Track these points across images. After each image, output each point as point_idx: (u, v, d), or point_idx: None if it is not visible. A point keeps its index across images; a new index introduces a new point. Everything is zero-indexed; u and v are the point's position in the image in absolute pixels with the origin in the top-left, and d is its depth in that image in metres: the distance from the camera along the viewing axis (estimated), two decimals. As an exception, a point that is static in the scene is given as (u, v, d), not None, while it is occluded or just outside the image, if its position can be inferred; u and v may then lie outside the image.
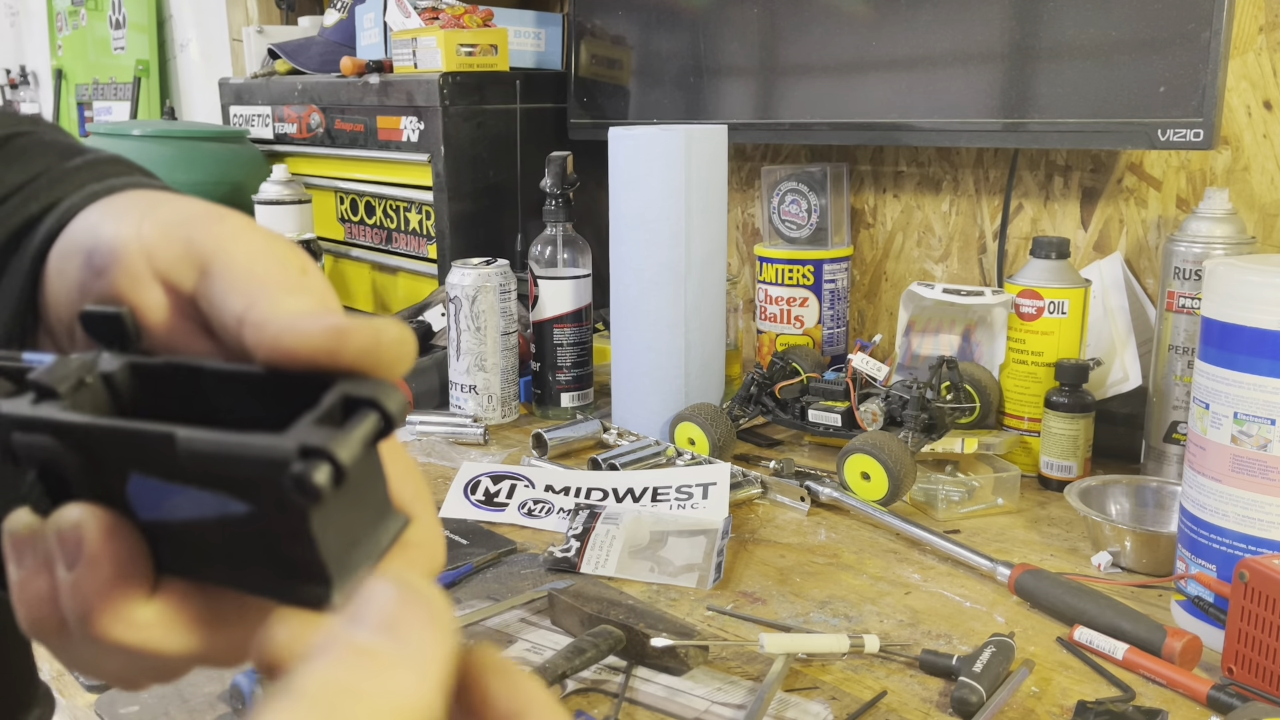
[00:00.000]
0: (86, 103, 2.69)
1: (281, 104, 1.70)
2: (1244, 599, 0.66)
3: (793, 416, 1.12)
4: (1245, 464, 0.69)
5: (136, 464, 0.26)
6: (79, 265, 0.31)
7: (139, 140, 1.68)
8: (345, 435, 0.24)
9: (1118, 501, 0.92)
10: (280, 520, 0.24)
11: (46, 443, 0.26)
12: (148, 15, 2.47)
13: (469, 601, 0.79)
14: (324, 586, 0.25)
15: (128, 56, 2.53)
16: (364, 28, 1.58)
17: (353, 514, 0.26)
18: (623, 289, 1.15)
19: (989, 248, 1.27)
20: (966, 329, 1.12)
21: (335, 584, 0.25)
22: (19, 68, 3.07)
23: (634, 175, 1.12)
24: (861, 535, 0.92)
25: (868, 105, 1.20)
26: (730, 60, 1.32)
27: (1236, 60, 1.05)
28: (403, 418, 0.26)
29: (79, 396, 0.27)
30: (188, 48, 2.44)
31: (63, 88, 2.82)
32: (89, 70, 2.69)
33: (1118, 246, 1.16)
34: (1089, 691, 0.67)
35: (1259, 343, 0.68)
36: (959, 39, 1.12)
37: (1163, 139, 0.98)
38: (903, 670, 0.70)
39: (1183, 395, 0.97)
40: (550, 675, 0.66)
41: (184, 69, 2.47)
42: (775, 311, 1.29)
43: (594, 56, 1.46)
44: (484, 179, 1.46)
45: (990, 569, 0.81)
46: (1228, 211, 0.95)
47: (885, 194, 1.35)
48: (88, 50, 2.69)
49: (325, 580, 0.25)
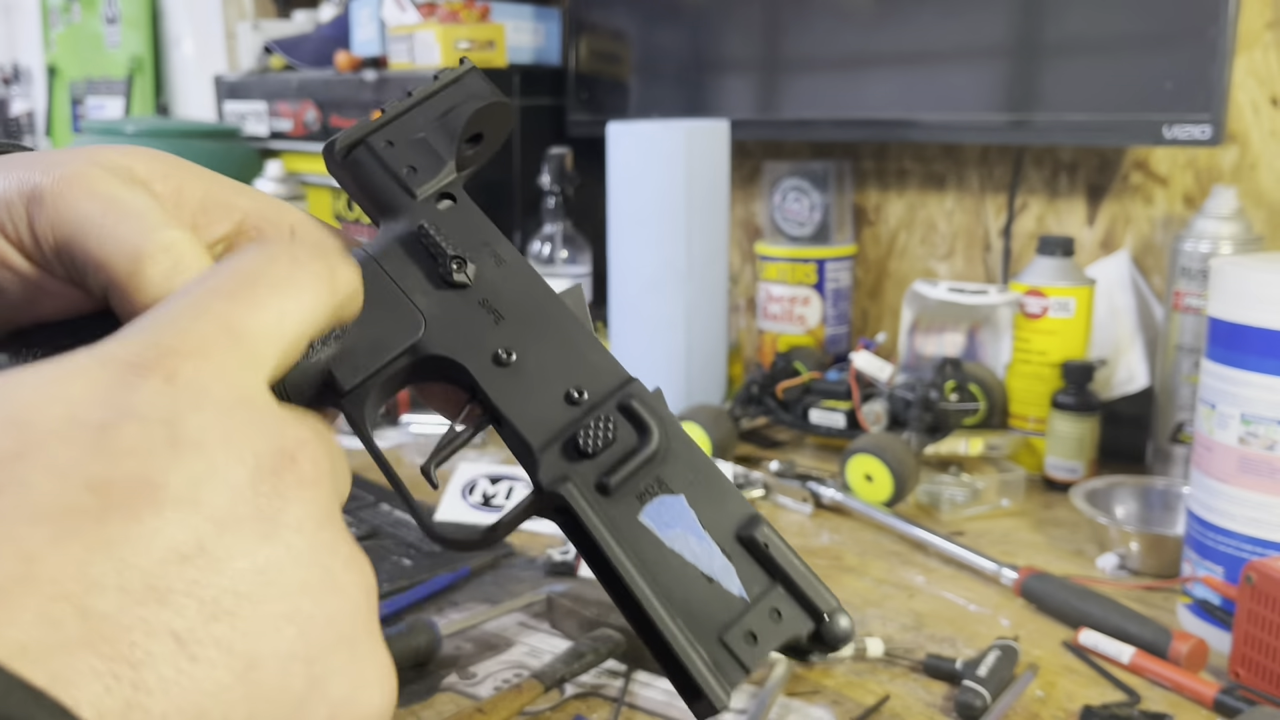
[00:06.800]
0: (80, 99, 2.67)
1: (276, 100, 1.69)
2: (1251, 602, 0.65)
3: (795, 417, 1.11)
4: (1253, 465, 0.69)
5: None
6: None
7: (131, 138, 1.67)
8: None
9: (1124, 503, 0.91)
10: None
11: None
12: (141, 11, 2.45)
13: (467, 605, 0.78)
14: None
15: (121, 52, 2.51)
16: (360, 23, 1.57)
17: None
18: (622, 288, 1.14)
19: (994, 246, 1.26)
20: (971, 328, 1.11)
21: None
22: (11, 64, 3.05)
23: (634, 172, 1.11)
24: (865, 537, 0.91)
25: (871, 101, 1.19)
26: (732, 55, 1.31)
27: (1243, 56, 1.04)
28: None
29: None
30: (181, 43, 2.42)
31: (55, 84, 2.80)
32: (82, 66, 2.67)
33: (1124, 245, 1.16)
34: (1095, 695, 0.66)
35: (1267, 342, 0.67)
36: (963, 34, 1.11)
37: (1169, 136, 0.97)
38: (906, 674, 0.69)
39: (1189, 395, 0.96)
40: (549, 679, 0.65)
41: (178, 65, 2.45)
42: (777, 310, 1.28)
43: (593, 51, 1.45)
44: (481, 176, 1.43)
45: (995, 572, 0.80)
46: (1235, 209, 0.94)
47: (889, 191, 1.34)
48: (80, 46, 2.67)
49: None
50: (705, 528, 0.31)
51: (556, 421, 0.33)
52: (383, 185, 0.35)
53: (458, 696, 0.66)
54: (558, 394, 0.33)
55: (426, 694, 0.66)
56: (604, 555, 0.31)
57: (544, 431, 0.32)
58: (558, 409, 0.33)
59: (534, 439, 0.32)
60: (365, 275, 0.33)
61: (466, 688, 0.67)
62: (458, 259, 0.34)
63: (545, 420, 0.33)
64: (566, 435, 0.32)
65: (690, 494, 0.32)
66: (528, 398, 0.33)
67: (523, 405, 0.33)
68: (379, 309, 0.33)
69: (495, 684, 0.68)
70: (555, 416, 0.33)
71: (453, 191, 0.36)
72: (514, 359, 0.33)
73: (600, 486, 0.31)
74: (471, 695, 0.66)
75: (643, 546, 0.31)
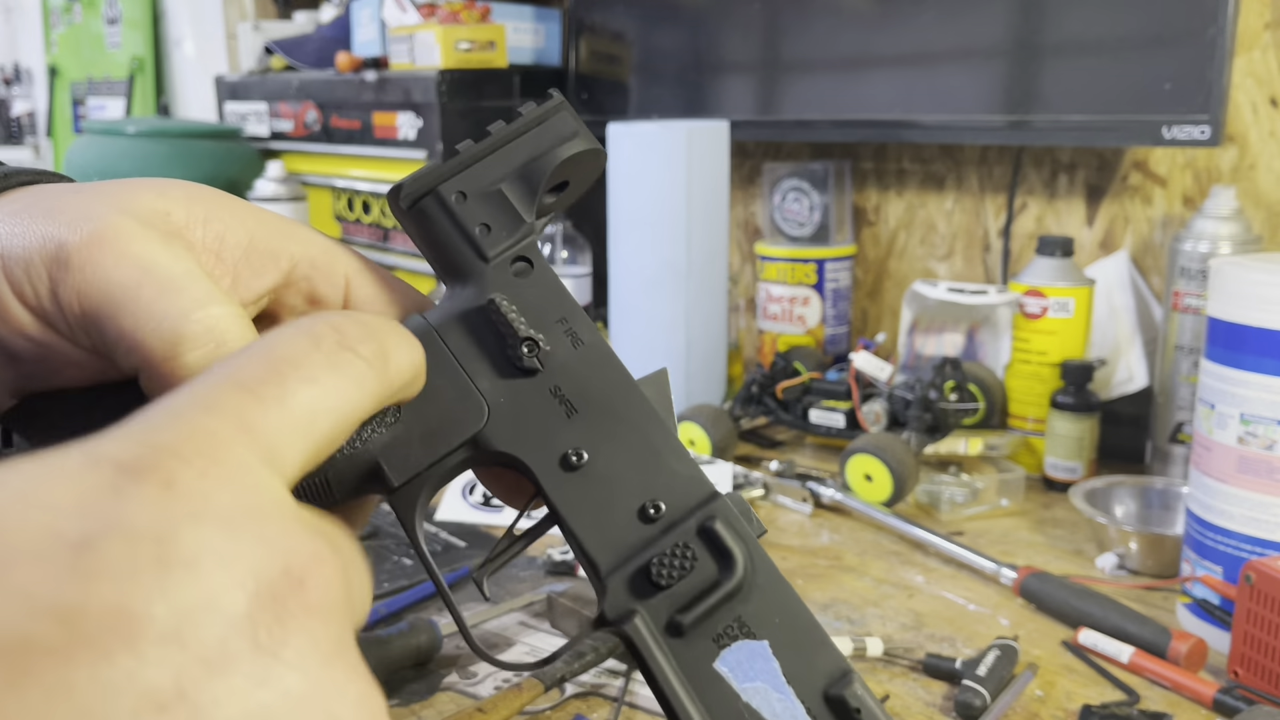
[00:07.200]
0: (81, 100, 2.67)
1: (277, 100, 1.69)
2: (1250, 601, 0.65)
3: (795, 417, 1.11)
4: (1251, 465, 0.69)
5: None
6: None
7: (132, 138, 1.67)
8: None
9: (1123, 503, 0.91)
10: None
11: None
12: (142, 11, 2.45)
13: (467, 604, 0.78)
14: None
15: (122, 53, 2.51)
16: (361, 24, 1.57)
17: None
18: (622, 288, 1.14)
19: (993, 246, 1.26)
20: (970, 328, 1.11)
21: None
22: (12, 65, 3.05)
23: (634, 172, 1.11)
24: (864, 537, 0.91)
25: (870, 102, 1.19)
26: (732, 56, 1.31)
27: (1242, 57, 1.04)
28: None
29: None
30: (182, 44, 2.42)
31: (56, 84, 2.80)
32: (83, 67, 2.67)
33: (1123, 245, 1.16)
34: (1094, 695, 0.66)
35: (1266, 342, 0.67)
36: (963, 35, 1.11)
37: (1168, 136, 0.97)
38: (906, 674, 0.69)
39: (1189, 395, 0.96)
40: (549, 679, 0.65)
41: (179, 65, 2.46)
42: (777, 310, 1.28)
43: (593, 52, 1.45)
44: (482, 176, 1.44)
45: (994, 571, 0.80)
46: (1234, 210, 0.94)
47: (888, 191, 1.34)
48: (82, 47, 2.67)
49: None
50: (790, 682, 0.28)
51: (628, 541, 0.29)
52: (452, 244, 0.32)
53: (458, 696, 0.66)
54: (632, 507, 0.30)
55: (427, 693, 0.66)
56: (669, 703, 0.28)
57: (614, 552, 0.29)
58: (630, 526, 0.30)
59: (602, 560, 0.29)
60: (426, 349, 0.29)
61: (467, 687, 0.67)
62: (530, 341, 0.31)
63: (616, 539, 0.29)
64: (639, 562, 0.29)
65: (775, 640, 0.28)
66: (598, 509, 0.30)
67: (592, 518, 0.30)
68: (438, 391, 0.30)
69: (495, 683, 0.68)
70: (627, 535, 0.29)
71: (529, 256, 0.32)
72: (585, 460, 0.30)
73: (672, 626, 0.28)
74: (472, 695, 0.66)
75: (716, 699, 0.28)
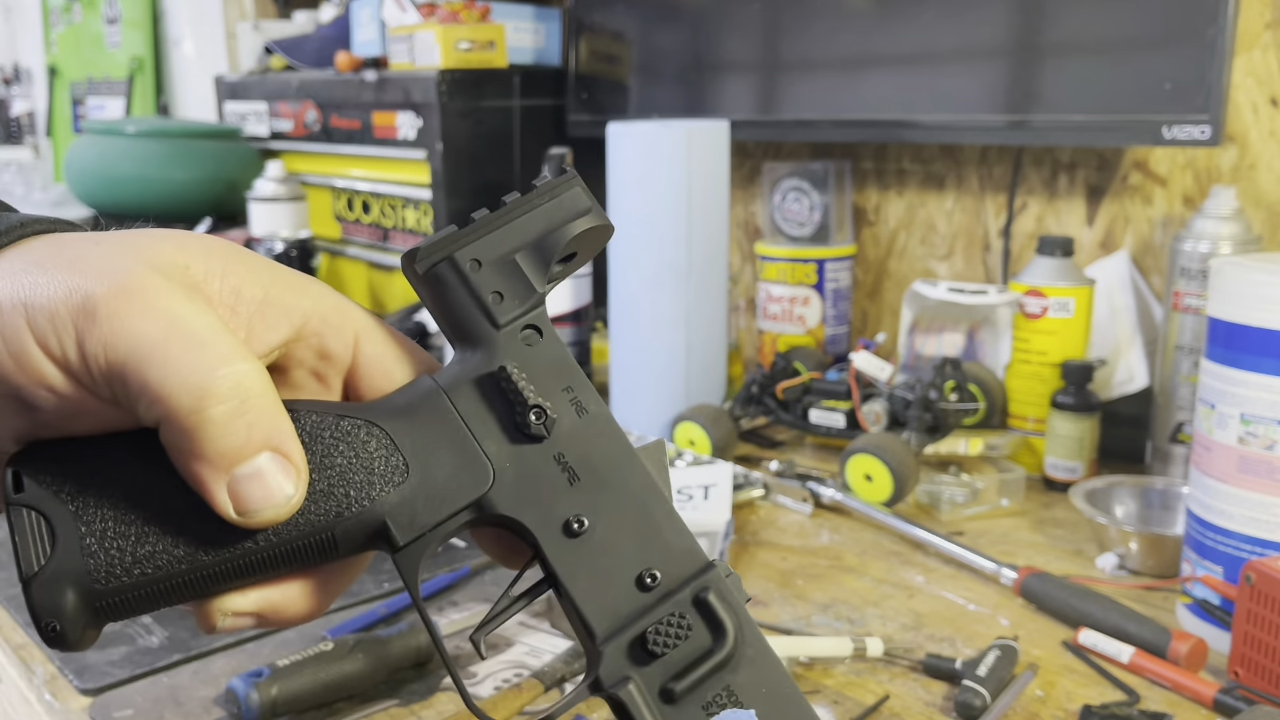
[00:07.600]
0: (80, 99, 2.67)
1: (277, 100, 1.69)
2: (1250, 601, 0.65)
3: (795, 417, 1.11)
4: (1252, 465, 0.69)
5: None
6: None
7: (132, 138, 1.67)
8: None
9: (1123, 503, 0.91)
10: None
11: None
12: (142, 11, 2.45)
13: (467, 605, 0.78)
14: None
15: (122, 53, 2.51)
16: (360, 23, 1.57)
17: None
18: (622, 288, 1.14)
19: (993, 246, 1.26)
20: (970, 328, 1.11)
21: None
22: (12, 64, 3.05)
23: (634, 172, 1.11)
24: (864, 537, 0.91)
25: (871, 102, 1.19)
26: (732, 56, 1.31)
27: (1242, 57, 1.04)
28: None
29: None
30: (182, 44, 2.42)
31: (56, 84, 2.80)
32: (83, 67, 2.67)
33: (1123, 245, 1.16)
34: (1094, 695, 0.66)
35: (1266, 342, 0.67)
36: (963, 35, 1.11)
37: (1168, 136, 0.97)
38: (906, 674, 0.69)
39: (1189, 395, 0.96)
40: (549, 679, 0.65)
41: (178, 65, 2.46)
42: (777, 310, 1.28)
43: (593, 52, 1.45)
44: (482, 176, 1.44)
45: (994, 571, 0.80)
46: (1234, 210, 0.94)
47: (888, 191, 1.34)
48: (81, 46, 2.67)
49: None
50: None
51: (625, 609, 0.30)
52: (464, 311, 0.32)
53: (458, 696, 0.66)
54: (629, 576, 0.31)
55: (426, 694, 0.66)
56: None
57: (611, 620, 0.30)
58: (628, 594, 0.30)
59: (599, 626, 0.30)
60: (434, 411, 0.31)
61: (467, 687, 0.67)
62: (539, 409, 0.31)
63: (613, 606, 0.30)
64: (635, 630, 0.30)
65: (761, 709, 0.29)
66: (597, 576, 0.31)
67: (591, 584, 0.30)
68: (445, 454, 0.31)
69: (495, 684, 0.68)
70: (624, 603, 0.30)
71: (539, 324, 0.33)
72: (587, 527, 0.31)
73: (665, 693, 0.29)
74: (472, 695, 0.66)
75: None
